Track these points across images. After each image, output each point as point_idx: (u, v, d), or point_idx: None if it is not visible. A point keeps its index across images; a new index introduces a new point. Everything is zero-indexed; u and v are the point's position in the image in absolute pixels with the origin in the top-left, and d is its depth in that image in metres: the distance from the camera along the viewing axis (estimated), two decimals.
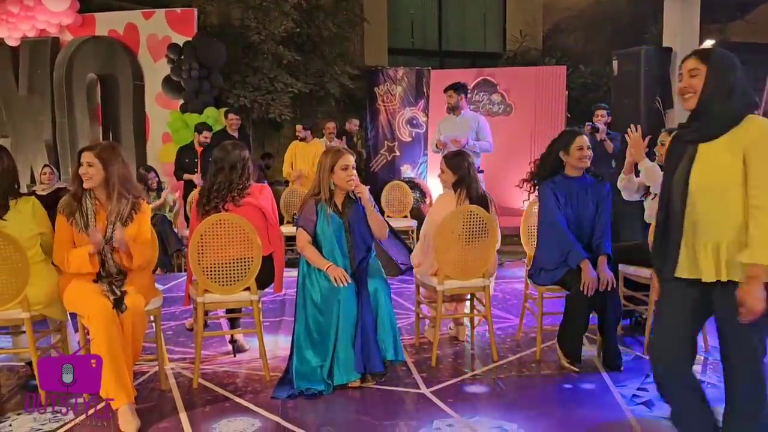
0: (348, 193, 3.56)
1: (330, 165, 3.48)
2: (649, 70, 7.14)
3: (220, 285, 3.49)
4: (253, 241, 3.45)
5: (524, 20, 11.67)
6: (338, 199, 3.56)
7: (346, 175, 3.47)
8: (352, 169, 3.48)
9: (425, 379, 3.57)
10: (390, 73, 9.21)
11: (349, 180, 3.46)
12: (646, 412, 3.12)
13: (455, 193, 3.93)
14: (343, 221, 3.54)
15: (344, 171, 3.47)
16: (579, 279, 3.52)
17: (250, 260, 3.48)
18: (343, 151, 3.50)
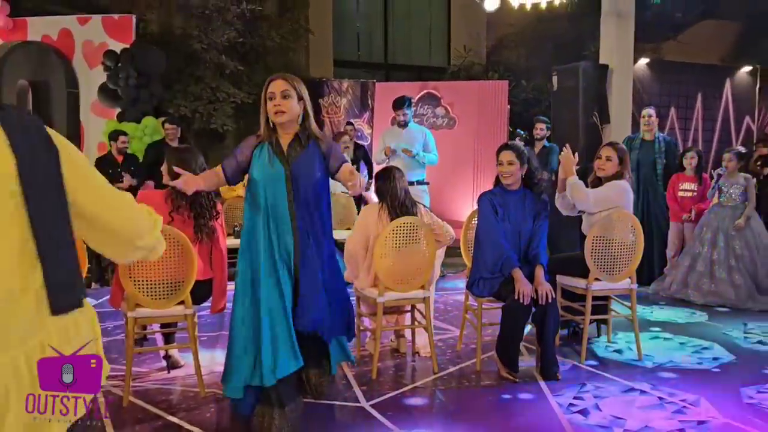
0: (298, 135, 2.98)
1: (263, 95, 2.98)
2: (587, 86, 7.35)
3: (152, 299, 3.36)
4: (189, 260, 3.35)
5: (468, 35, 11.86)
6: (284, 139, 3.00)
7: (272, 106, 2.91)
8: (281, 98, 2.89)
9: (365, 393, 3.53)
10: (335, 85, 9.20)
11: (275, 112, 2.90)
12: (582, 420, 3.16)
13: (379, 205, 3.91)
14: (285, 169, 2.96)
15: (270, 101, 2.93)
16: (514, 289, 3.56)
17: (182, 279, 3.37)
18: (277, 76, 2.96)
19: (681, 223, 6.17)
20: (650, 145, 6.09)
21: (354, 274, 3.97)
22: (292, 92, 2.93)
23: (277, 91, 2.91)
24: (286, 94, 2.91)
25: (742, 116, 12.07)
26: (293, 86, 2.94)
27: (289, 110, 2.92)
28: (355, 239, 3.89)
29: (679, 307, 5.45)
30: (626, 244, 4.00)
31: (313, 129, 3.03)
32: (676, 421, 3.16)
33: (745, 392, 3.53)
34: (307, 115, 3.01)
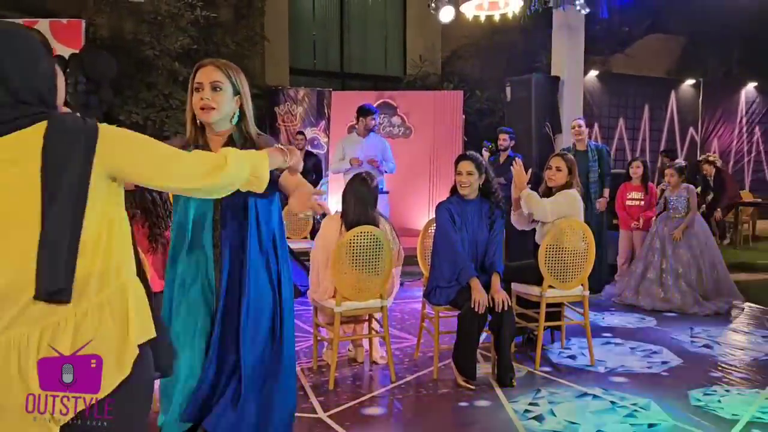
0: (232, 138, 2.37)
1: (189, 86, 2.33)
2: (539, 97, 7.51)
3: None
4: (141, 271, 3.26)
5: (424, 46, 11.98)
6: (214, 143, 2.35)
7: (197, 100, 2.26)
8: (210, 91, 2.25)
9: (322, 403, 3.50)
10: (291, 93, 9.16)
11: (202, 108, 2.25)
12: (537, 426, 3.21)
13: (339, 214, 3.91)
14: None
15: (196, 93, 2.27)
16: (470, 297, 3.60)
17: None
18: (208, 62, 2.32)
19: (630, 231, 6.35)
20: (583, 155, 6.23)
21: (314, 290, 3.96)
22: (226, 84, 2.27)
23: (205, 82, 2.25)
24: (218, 86, 2.25)
25: (686, 127, 12.53)
26: (228, 76, 2.28)
27: (220, 107, 2.26)
28: (317, 252, 3.89)
29: (629, 313, 5.60)
30: (578, 252, 4.09)
31: (252, 133, 2.37)
32: (627, 424, 3.23)
33: (693, 395, 3.64)
34: (245, 114, 2.35)
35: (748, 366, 4.18)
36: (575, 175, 4.25)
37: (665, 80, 12.94)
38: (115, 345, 1.44)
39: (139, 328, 1.48)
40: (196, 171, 1.60)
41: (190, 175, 1.59)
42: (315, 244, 3.98)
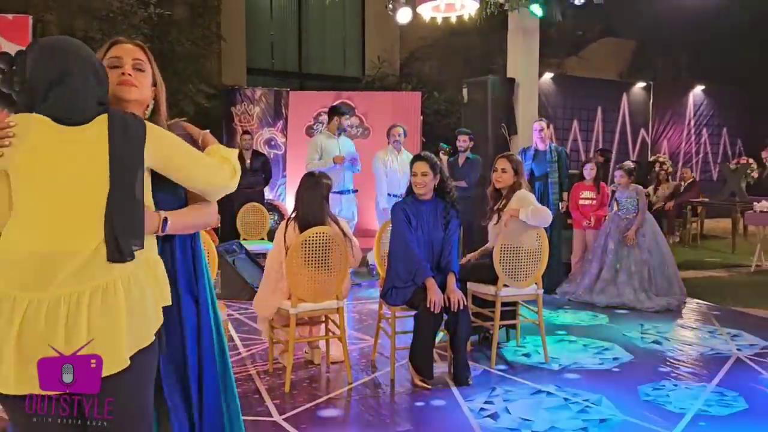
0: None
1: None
2: (495, 99, 7.60)
3: None
4: None
5: (382, 47, 12.00)
6: None
7: (117, 75, 1.88)
8: (132, 69, 1.90)
9: (278, 406, 3.46)
10: (248, 92, 9.06)
11: (122, 82, 1.88)
12: (492, 423, 3.24)
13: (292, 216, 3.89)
14: None
15: (114, 69, 1.89)
16: (426, 298, 3.61)
17: None
18: (127, 40, 2.00)
19: (583, 230, 6.48)
20: (543, 155, 6.34)
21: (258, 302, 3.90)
22: (148, 68, 1.98)
23: (126, 57, 1.92)
24: (140, 66, 1.94)
25: (637, 129, 12.87)
26: (150, 61, 1.99)
27: (142, 88, 1.95)
28: (272, 257, 3.86)
29: (583, 311, 5.71)
30: (532, 251, 4.15)
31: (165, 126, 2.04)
32: (579, 420, 3.29)
33: (643, 390, 3.73)
34: (159, 109, 2.06)
35: (695, 361, 4.31)
36: (522, 175, 4.35)
37: (617, 83, 13.27)
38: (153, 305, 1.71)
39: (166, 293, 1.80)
40: (222, 172, 1.90)
41: (218, 174, 1.88)
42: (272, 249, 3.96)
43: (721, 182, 12.67)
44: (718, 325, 5.24)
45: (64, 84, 1.62)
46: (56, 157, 1.60)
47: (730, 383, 3.84)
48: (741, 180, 10.21)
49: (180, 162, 1.82)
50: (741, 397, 3.62)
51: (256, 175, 7.73)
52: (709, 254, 9.06)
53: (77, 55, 1.66)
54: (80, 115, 1.64)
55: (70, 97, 1.63)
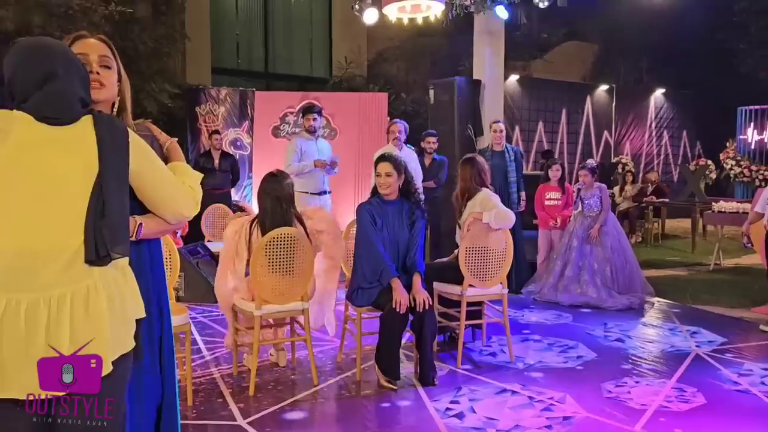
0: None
1: None
2: (461, 100, 7.64)
3: None
4: None
5: (349, 48, 11.99)
6: None
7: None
8: (99, 66, 1.85)
9: (242, 410, 3.41)
10: (212, 92, 8.94)
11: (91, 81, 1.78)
12: (458, 423, 3.24)
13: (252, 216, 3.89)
14: None
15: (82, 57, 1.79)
16: (392, 298, 3.60)
17: None
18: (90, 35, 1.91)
19: (549, 230, 6.55)
20: (501, 155, 6.39)
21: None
22: (114, 65, 1.90)
23: (92, 54, 1.85)
24: (107, 63, 1.87)
25: (601, 131, 13.11)
26: (115, 57, 1.91)
27: (109, 87, 1.89)
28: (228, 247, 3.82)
29: (548, 310, 5.77)
30: (497, 251, 4.18)
31: (131, 124, 2.00)
32: (543, 418, 3.32)
33: (605, 387, 3.78)
34: (125, 106, 1.99)
35: (656, 358, 4.39)
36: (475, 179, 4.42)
37: (581, 85, 13.50)
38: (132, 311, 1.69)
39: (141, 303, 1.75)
40: (188, 201, 1.89)
41: (185, 204, 1.87)
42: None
43: (681, 183, 12.98)
44: (678, 322, 5.35)
45: (50, 85, 1.61)
46: (40, 156, 1.58)
47: (689, 379, 3.92)
48: (700, 181, 10.48)
49: (154, 182, 1.79)
50: (700, 392, 3.69)
51: (224, 176, 7.64)
52: (670, 253, 9.26)
53: (64, 57, 1.66)
54: (66, 115, 1.63)
55: (56, 98, 1.62)
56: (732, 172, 11.10)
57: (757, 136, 11.27)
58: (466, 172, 4.41)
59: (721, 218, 8.19)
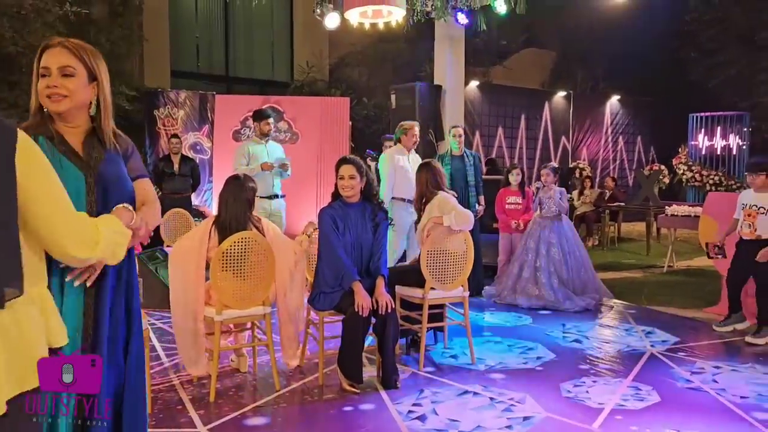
0: (95, 132, 1.99)
1: (35, 67, 1.92)
2: (422, 105, 7.71)
3: None
4: None
5: (311, 52, 11.97)
6: (71, 135, 1.95)
7: (43, 87, 1.88)
8: (59, 77, 1.87)
9: (202, 417, 3.37)
10: (171, 95, 8.81)
11: (49, 96, 1.88)
12: (420, 425, 3.26)
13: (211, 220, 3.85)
14: (85, 175, 1.91)
15: (42, 79, 1.89)
16: (354, 302, 3.61)
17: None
18: (57, 42, 1.91)
19: (510, 233, 6.65)
20: (460, 159, 6.47)
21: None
22: (80, 69, 1.91)
23: (53, 66, 1.87)
24: (69, 71, 1.88)
25: (559, 136, 13.36)
26: (81, 59, 1.91)
27: (73, 95, 1.89)
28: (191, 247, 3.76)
29: (508, 312, 5.86)
30: (458, 254, 4.22)
31: (110, 131, 2.02)
32: (504, 418, 3.37)
33: (564, 387, 3.85)
34: (105, 107, 1.99)
35: (612, 357, 4.49)
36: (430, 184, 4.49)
37: (540, 92, 13.76)
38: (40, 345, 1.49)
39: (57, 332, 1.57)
40: (83, 237, 1.61)
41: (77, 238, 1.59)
42: None
43: (636, 188, 13.33)
44: (633, 323, 5.48)
45: None
46: None
47: (644, 378, 4.03)
48: (654, 185, 10.77)
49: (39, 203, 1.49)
50: (654, 391, 3.80)
51: (184, 180, 7.54)
52: (626, 256, 9.49)
53: None
54: None
55: None
56: (684, 177, 11.45)
57: (708, 142, 11.65)
58: (422, 177, 4.47)
59: (674, 221, 8.44)
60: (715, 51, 11.24)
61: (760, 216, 4.90)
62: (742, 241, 5.03)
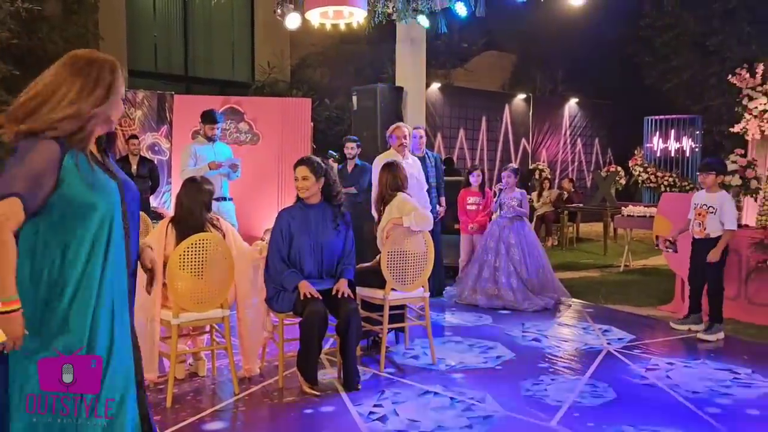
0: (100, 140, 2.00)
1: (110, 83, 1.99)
2: (384, 106, 7.71)
3: None
4: None
5: (272, 52, 11.86)
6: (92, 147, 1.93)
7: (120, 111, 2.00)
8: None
9: (159, 422, 3.29)
10: (128, 95, 8.61)
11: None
12: (381, 426, 3.26)
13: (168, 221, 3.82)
14: (116, 184, 1.94)
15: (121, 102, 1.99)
16: (308, 303, 3.59)
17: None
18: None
19: (471, 234, 6.71)
20: (422, 161, 6.50)
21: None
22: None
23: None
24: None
25: (519, 138, 13.55)
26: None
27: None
28: None
29: (468, 312, 5.90)
30: (419, 254, 4.24)
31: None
32: (465, 418, 3.39)
33: (524, 385, 3.90)
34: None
35: (570, 356, 4.57)
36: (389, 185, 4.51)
37: (500, 94, 13.93)
38: None
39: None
40: None
41: None
42: None
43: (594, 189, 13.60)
44: (591, 321, 5.59)
45: None
46: None
47: (601, 375, 4.11)
48: (611, 186, 11.00)
49: None
50: (611, 387, 3.87)
51: (142, 181, 7.39)
52: (584, 256, 9.67)
53: None
54: None
55: None
56: (640, 178, 11.72)
57: (662, 144, 11.95)
58: (382, 178, 4.46)
59: (630, 222, 8.63)
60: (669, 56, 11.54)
61: (710, 215, 5.05)
62: (695, 241, 5.18)
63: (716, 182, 5.15)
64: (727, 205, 5.03)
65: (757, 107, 9.05)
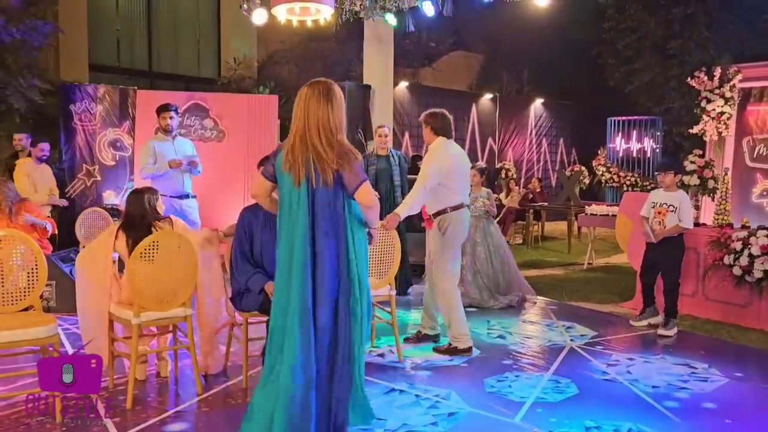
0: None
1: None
2: (351, 104, 7.70)
3: None
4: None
5: (239, 48, 11.72)
6: None
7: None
8: None
9: (118, 425, 3.22)
10: (89, 90, 8.43)
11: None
12: None
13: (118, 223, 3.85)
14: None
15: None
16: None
17: None
18: None
19: None
20: (386, 159, 6.49)
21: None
22: None
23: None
24: None
25: (486, 137, 13.66)
26: None
27: None
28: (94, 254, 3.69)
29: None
30: (385, 252, 4.23)
31: None
32: (430, 415, 3.40)
33: (488, 382, 3.93)
34: None
35: (534, 352, 4.62)
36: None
37: (467, 93, 14.01)
38: None
39: None
40: None
41: None
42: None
43: (558, 188, 13.79)
44: (555, 318, 5.66)
45: None
46: None
47: (564, 371, 4.17)
48: (575, 186, 11.17)
49: None
50: (573, 383, 3.93)
51: None
52: (549, 254, 9.80)
53: None
54: None
55: None
56: (603, 178, 11.93)
57: (624, 145, 12.18)
58: None
59: (593, 220, 8.78)
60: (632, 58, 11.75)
61: (670, 214, 5.16)
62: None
63: (675, 181, 5.27)
64: (685, 204, 5.16)
65: (714, 109, 9.30)
